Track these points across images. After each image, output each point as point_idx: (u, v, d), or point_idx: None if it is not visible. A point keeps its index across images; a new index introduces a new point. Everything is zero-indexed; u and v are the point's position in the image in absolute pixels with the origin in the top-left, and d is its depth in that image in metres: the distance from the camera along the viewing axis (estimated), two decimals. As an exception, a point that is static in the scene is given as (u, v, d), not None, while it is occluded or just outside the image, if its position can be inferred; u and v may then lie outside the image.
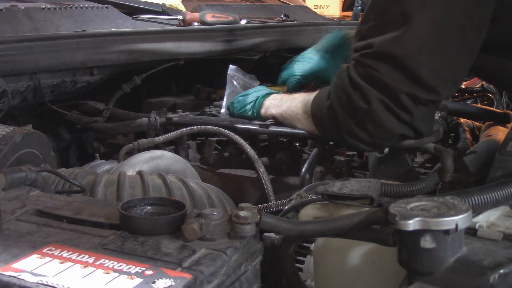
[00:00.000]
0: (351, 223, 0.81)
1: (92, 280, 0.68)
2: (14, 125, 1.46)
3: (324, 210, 1.01)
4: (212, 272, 0.71)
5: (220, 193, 1.46)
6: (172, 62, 2.02)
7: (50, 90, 1.70)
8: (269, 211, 1.26)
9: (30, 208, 0.91)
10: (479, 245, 0.75)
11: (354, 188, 0.97)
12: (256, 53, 2.33)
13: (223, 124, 1.69)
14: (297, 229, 0.84)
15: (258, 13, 2.66)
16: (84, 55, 1.72)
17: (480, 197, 0.84)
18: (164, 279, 0.67)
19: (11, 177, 0.98)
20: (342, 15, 5.98)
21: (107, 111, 1.98)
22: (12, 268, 0.70)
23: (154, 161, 1.54)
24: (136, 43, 1.86)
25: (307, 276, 1.12)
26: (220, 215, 0.78)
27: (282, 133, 1.61)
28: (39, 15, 1.82)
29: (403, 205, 0.73)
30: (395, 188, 1.13)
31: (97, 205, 0.94)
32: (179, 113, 1.89)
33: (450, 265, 0.70)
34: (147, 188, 1.29)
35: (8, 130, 1.25)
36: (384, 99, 1.17)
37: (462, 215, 0.69)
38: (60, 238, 0.80)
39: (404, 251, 0.72)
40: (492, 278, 0.68)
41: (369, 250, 0.90)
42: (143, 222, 0.80)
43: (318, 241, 1.02)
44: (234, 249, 0.75)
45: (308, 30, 2.58)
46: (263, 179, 1.50)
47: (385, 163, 1.40)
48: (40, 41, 1.63)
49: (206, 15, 2.25)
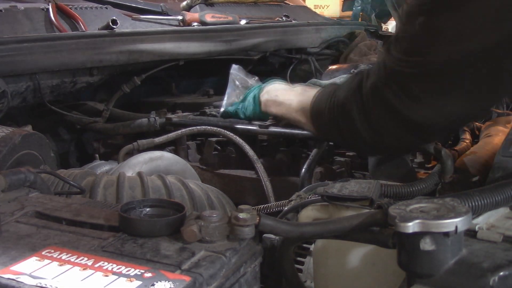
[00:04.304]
0: (350, 225, 0.81)
1: (91, 282, 0.68)
2: (13, 126, 1.46)
3: (323, 211, 1.01)
4: (212, 274, 0.70)
5: (219, 194, 1.46)
6: (172, 62, 2.02)
7: (49, 90, 1.71)
8: (269, 212, 1.26)
9: (29, 210, 0.91)
10: (479, 247, 0.75)
11: (354, 190, 0.97)
12: (256, 53, 2.33)
13: (223, 124, 1.69)
14: (296, 231, 0.83)
15: (258, 13, 2.66)
16: (83, 55, 1.72)
17: (480, 199, 0.84)
18: (163, 282, 0.67)
19: (10, 179, 0.98)
20: (342, 15, 5.98)
21: (107, 112, 1.98)
22: (11, 270, 0.70)
23: (154, 161, 1.54)
24: (135, 43, 1.86)
25: (307, 277, 1.12)
26: (219, 217, 0.78)
27: (282, 134, 1.61)
28: (39, 16, 1.82)
29: (402, 207, 0.73)
30: (395, 189, 1.13)
31: (97, 207, 0.93)
32: (178, 114, 1.89)
33: (449, 267, 0.70)
34: (147, 189, 1.28)
35: (7, 131, 1.25)
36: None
37: (462, 217, 0.69)
38: (59, 240, 0.80)
39: (403, 253, 0.72)
40: (492, 280, 0.68)
41: (368, 251, 0.90)
42: (142, 224, 0.80)
43: (318, 242, 1.01)
44: (234, 251, 0.75)
45: (308, 30, 2.59)
46: (262, 180, 1.50)
47: (385, 163, 1.40)
48: (40, 41, 1.63)
49: (206, 15, 2.25)
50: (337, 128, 1.26)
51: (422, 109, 1.07)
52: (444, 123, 1.12)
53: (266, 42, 2.34)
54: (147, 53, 1.89)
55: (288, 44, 2.49)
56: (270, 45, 2.38)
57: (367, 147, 1.23)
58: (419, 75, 1.04)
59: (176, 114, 1.89)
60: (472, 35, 0.97)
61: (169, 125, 1.83)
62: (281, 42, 2.43)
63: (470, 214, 0.70)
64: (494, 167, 1.03)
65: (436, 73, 1.03)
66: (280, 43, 2.43)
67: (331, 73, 1.96)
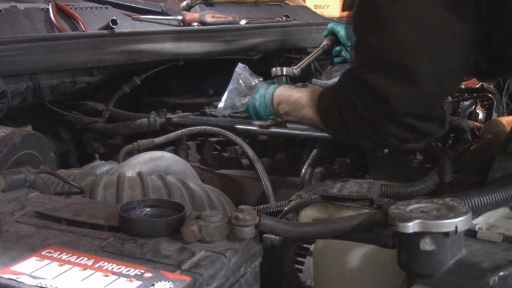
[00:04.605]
0: (350, 225, 0.81)
1: (91, 282, 0.68)
2: (13, 126, 1.47)
3: (323, 212, 1.01)
4: (212, 274, 0.70)
5: (220, 194, 1.46)
6: (172, 63, 2.02)
7: (49, 90, 1.71)
8: (269, 212, 1.26)
9: (29, 210, 0.91)
10: (479, 247, 0.75)
11: (354, 190, 0.97)
12: (256, 53, 2.33)
13: (223, 124, 1.69)
14: (296, 231, 0.83)
15: (258, 13, 2.66)
16: (83, 55, 1.72)
17: (480, 199, 0.84)
18: (163, 282, 0.67)
19: (10, 179, 0.98)
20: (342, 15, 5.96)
21: (107, 112, 1.98)
22: (11, 270, 0.70)
23: (154, 162, 1.54)
24: (135, 43, 1.86)
25: (307, 277, 1.12)
26: (219, 217, 0.78)
27: (282, 134, 1.61)
28: (39, 16, 1.82)
29: (402, 207, 0.73)
30: (395, 189, 1.13)
31: (97, 207, 0.93)
32: (178, 114, 1.89)
33: (449, 268, 0.70)
34: (147, 189, 1.28)
35: (7, 131, 1.25)
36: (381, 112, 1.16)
37: (462, 217, 0.69)
38: (59, 240, 0.80)
39: (403, 253, 0.72)
40: (492, 281, 0.68)
41: (368, 251, 0.90)
42: (142, 224, 0.80)
43: (318, 242, 1.01)
44: (234, 251, 0.75)
45: (308, 30, 2.58)
46: (263, 180, 1.50)
47: (385, 163, 1.40)
48: (40, 41, 1.63)
49: (206, 15, 2.25)
50: (340, 117, 1.27)
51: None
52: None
53: (266, 42, 2.34)
54: (147, 53, 1.89)
55: (288, 44, 2.49)
56: (270, 45, 2.38)
57: (368, 137, 1.23)
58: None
59: (176, 114, 1.88)
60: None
61: (169, 125, 1.83)
62: (281, 42, 2.43)
63: (470, 214, 0.70)
64: (494, 167, 1.03)
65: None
66: (280, 43, 2.43)
67: (331, 73, 1.96)
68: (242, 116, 1.74)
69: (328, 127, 1.39)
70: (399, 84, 1.12)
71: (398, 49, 1.11)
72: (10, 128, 1.30)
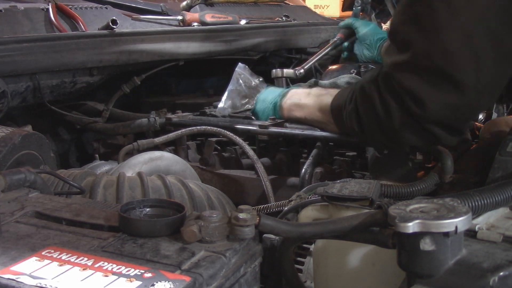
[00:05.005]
0: (350, 225, 0.81)
1: (91, 282, 0.68)
2: (13, 126, 1.47)
3: (323, 212, 1.01)
4: (212, 274, 0.70)
5: (219, 194, 1.46)
6: (172, 63, 2.02)
7: (49, 90, 1.70)
8: (269, 212, 1.26)
9: (29, 210, 0.91)
10: (479, 247, 0.75)
11: (354, 190, 0.97)
12: (256, 53, 2.33)
13: (223, 124, 1.69)
14: (296, 231, 0.83)
15: (258, 13, 2.66)
16: (83, 55, 1.72)
17: (480, 199, 0.84)
18: (163, 282, 0.67)
19: (10, 179, 0.98)
20: (342, 15, 5.96)
21: (107, 112, 1.98)
22: (11, 271, 0.70)
23: (154, 162, 1.54)
24: (135, 43, 1.86)
25: (307, 277, 1.12)
26: (219, 217, 0.78)
27: (282, 134, 1.61)
28: (39, 16, 1.82)
29: (402, 207, 0.73)
30: (395, 189, 1.13)
31: (96, 207, 0.93)
32: (178, 114, 1.89)
33: (449, 268, 0.70)
34: (147, 189, 1.28)
35: (7, 131, 1.25)
36: (408, 120, 1.15)
37: (462, 217, 0.69)
38: (59, 240, 0.80)
39: (403, 253, 0.72)
40: (492, 281, 0.68)
41: (368, 252, 0.90)
42: (142, 224, 0.80)
43: (318, 242, 1.01)
44: (234, 251, 0.75)
45: (308, 30, 2.58)
46: (263, 180, 1.50)
47: (385, 163, 1.40)
48: (40, 41, 1.63)
49: (206, 15, 2.25)
50: (357, 117, 1.28)
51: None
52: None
53: (266, 42, 2.34)
54: (147, 53, 1.89)
55: (288, 44, 2.49)
56: (270, 45, 2.38)
57: (385, 137, 1.23)
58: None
59: (176, 114, 1.88)
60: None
61: (169, 125, 1.83)
62: (281, 42, 2.43)
63: (470, 214, 0.70)
64: (493, 167, 1.03)
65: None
66: (280, 43, 2.43)
67: (331, 73, 1.95)
68: (242, 116, 1.74)
69: (340, 127, 1.40)
70: (439, 91, 1.10)
71: (447, 57, 1.08)
72: (10, 128, 1.30)
